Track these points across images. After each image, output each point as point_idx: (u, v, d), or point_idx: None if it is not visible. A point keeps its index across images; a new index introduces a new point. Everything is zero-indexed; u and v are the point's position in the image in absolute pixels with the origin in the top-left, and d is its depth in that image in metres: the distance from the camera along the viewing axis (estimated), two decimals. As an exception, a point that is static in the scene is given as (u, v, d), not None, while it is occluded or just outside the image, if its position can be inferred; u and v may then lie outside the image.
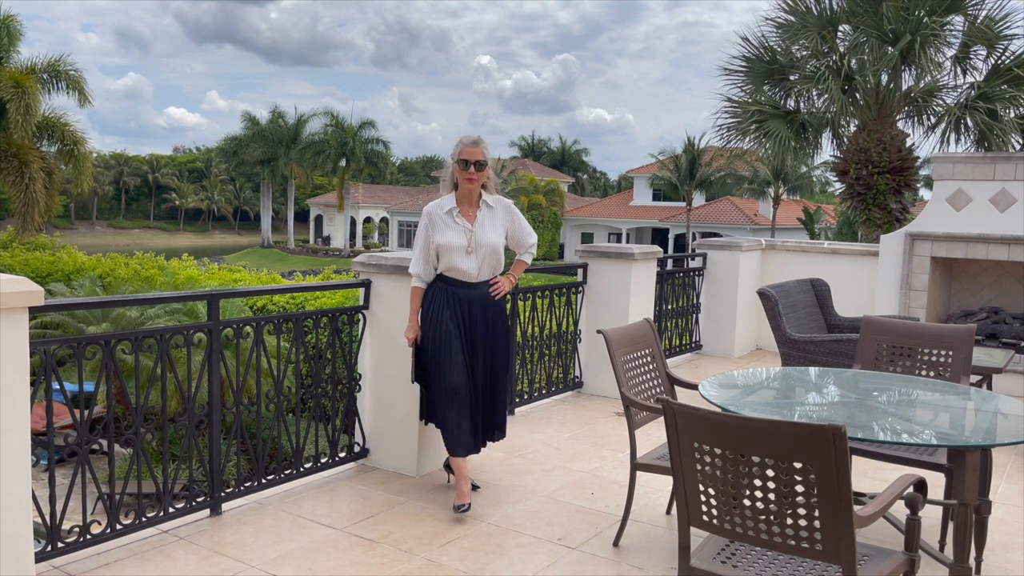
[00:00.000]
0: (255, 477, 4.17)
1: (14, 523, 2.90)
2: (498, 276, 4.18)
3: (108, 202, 71.64)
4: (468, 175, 4.02)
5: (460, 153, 4.04)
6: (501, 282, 4.17)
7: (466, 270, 4.05)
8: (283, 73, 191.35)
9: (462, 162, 4.02)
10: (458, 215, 4.06)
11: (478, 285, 4.11)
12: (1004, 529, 4.05)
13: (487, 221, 4.10)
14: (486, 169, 4.06)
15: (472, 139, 4.05)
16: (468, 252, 4.03)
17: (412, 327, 4.13)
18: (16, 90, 18.42)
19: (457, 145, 4.08)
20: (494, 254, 4.09)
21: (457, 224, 4.04)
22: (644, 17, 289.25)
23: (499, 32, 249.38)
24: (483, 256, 4.06)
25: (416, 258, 4.13)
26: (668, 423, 2.42)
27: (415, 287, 4.14)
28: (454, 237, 4.01)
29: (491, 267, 4.11)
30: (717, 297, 8.48)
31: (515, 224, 4.21)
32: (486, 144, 4.07)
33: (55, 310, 7.56)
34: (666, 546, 3.72)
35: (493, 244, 4.07)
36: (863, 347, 4.51)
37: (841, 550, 2.22)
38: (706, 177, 40.84)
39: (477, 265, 4.06)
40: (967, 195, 7.21)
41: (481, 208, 4.10)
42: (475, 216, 4.08)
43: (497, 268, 4.15)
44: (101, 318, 10.78)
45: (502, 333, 4.23)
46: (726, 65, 11.62)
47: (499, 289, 4.15)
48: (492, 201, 4.13)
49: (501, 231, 4.13)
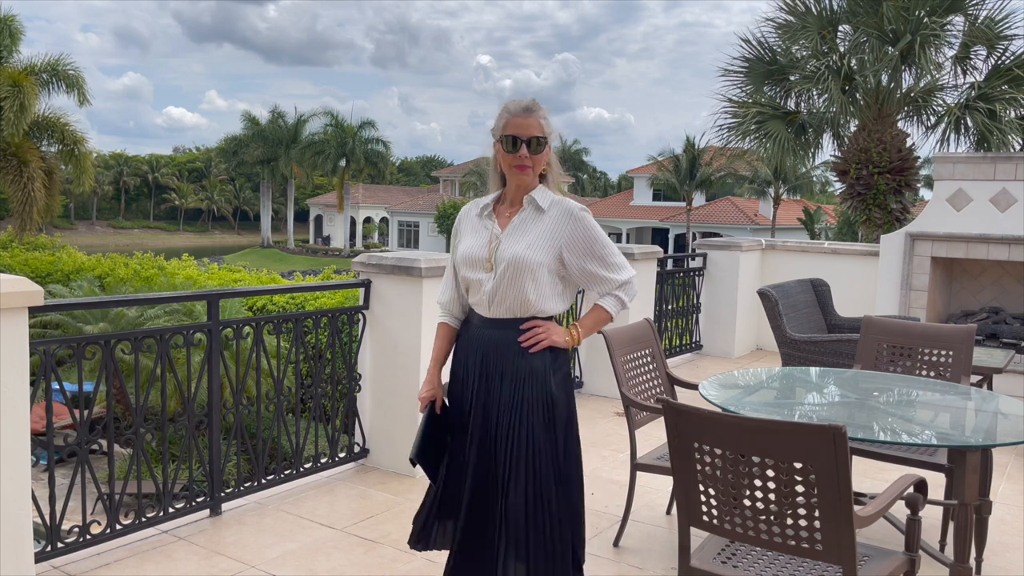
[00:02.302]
0: (255, 477, 4.17)
1: (14, 523, 2.90)
2: (539, 320, 2.59)
3: (108, 202, 71.61)
4: (518, 160, 2.54)
5: (506, 126, 2.56)
6: (539, 328, 2.57)
7: (479, 296, 2.63)
8: (282, 73, 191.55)
9: (508, 139, 2.55)
10: (490, 214, 2.67)
11: (496, 324, 2.61)
12: (1004, 529, 4.05)
13: (524, 226, 2.60)
14: (546, 149, 2.58)
15: (523, 105, 2.58)
16: (487, 269, 2.59)
17: (426, 383, 2.73)
18: (13, 89, 18.40)
19: (500, 115, 2.61)
20: (518, 276, 2.54)
21: (485, 227, 2.66)
22: (643, 17, 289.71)
23: (498, 32, 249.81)
24: (501, 277, 2.56)
25: (443, 280, 2.85)
26: (668, 423, 2.42)
27: (439, 323, 2.83)
28: (473, 244, 2.65)
29: (515, 297, 2.56)
30: (717, 297, 8.48)
31: (577, 242, 2.57)
32: (544, 112, 2.59)
33: (55, 310, 7.55)
34: (666, 546, 3.72)
35: (517, 259, 2.53)
36: (863, 347, 4.51)
37: (841, 550, 2.22)
38: (706, 177, 40.81)
39: (492, 289, 2.59)
40: (967, 195, 7.21)
41: (524, 207, 2.61)
42: (512, 217, 2.64)
43: (524, 303, 2.57)
44: (100, 318, 10.77)
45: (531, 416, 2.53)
46: (726, 65, 11.64)
47: (532, 337, 2.56)
48: (545, 201, 2.59)
49: (543, 245, 2.56)
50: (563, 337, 2.60)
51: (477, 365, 2.63)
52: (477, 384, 2.62)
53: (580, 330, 2.64)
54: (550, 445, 2.55)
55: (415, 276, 4.41)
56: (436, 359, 2.77)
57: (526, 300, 2.56)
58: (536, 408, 2.54)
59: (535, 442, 2.52)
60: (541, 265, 2.54)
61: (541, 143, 2.56)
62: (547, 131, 2.57)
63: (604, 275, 2.61)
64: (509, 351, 2.58)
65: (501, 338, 2.59)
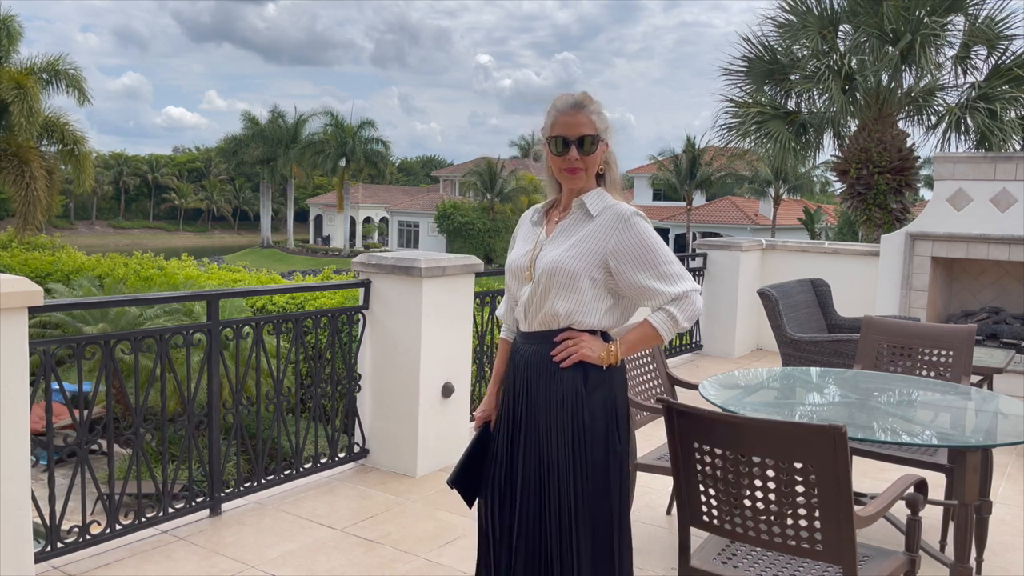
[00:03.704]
0: (255, 477, 4.16)
1: (14, 523, 2.89)
2: (577, 331, 2.31)
3: (108, 202, 71.62)
4: (568, 163, 2.29)
5: (553, 125, 2.31)
6: (573, 340, 2.30)
7: (519, 308, 2.41)
8: (282, 72, 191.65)
9: (556, 140, 2.30)
10: (540, 220, 2.45)
11: (532, 339, 2.37)
12: (1004, 529, 4.05)
13: (568, 231, 2.33)
14: (600, 148, 2.31)
15: (572, 100, 2.31)
16: (527, 279, 2.36)
17: (483, 403, 2.59)
18: (18, 91, 18.43)
19: (548, 113, 2.35)
20: (553, 285, 2.28)
21: (534, 234, 2.43)
22: (642, 17, 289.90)
23: (497, 32, 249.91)
24: (536, 286, 2.32)
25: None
26: (668, 423, 2.41)
27: (500, 338, 2.64)
28: (518, 253, 2.44)
29: (551, 309, 2.30)
30: (717, 297, 8.47)
31: (624, 249, 2.25)
32: (597, 105, 2.32)
33: (55, 310, 7.56)
34: (666, 546, 3.72)
35: (554, 266, 2.27)
36: (863, 347, 4.51)
37: (841, 550, 2.22)
38: (706, 177, 40.82)
39: (527, 300, 2.36)
40: (968, 195, 7.20)
41: (572, 212, 2.35)
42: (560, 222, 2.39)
43: (556, 315, 2.30)
44: (100, 318, 10.77)
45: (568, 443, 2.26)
46: (726, 66, 11.63)
47: (564, 351, 2.29)
48: (597, 205, 2.31)
49: (584, 252, 2.27)
50: (598, 352, 2.27)
51: (514, 387, 2.39)
52: (513, 409, 2.38)
53: (621, 347, 2.29)
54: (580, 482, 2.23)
55: (415, 276, 4.41)
56: (494, 377, 2.56)
57: (557, 313, 2.29)
58: (564, 440, 2.25)
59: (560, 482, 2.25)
60: (580, 273, 2.24)
61: (594, 142, 2.28)
62: (600, 127, 2.29)
63: (654, 287, 2.25)
64: (543, 370, 2.31)
65: (534, 355, 2.34)
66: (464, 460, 2.49)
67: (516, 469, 2.35)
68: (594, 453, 2.25)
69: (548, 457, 2.28)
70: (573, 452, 2.25)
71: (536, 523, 2.30)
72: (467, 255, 4.83)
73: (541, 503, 2.29)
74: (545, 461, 2.28)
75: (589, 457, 2.25)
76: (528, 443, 2.32)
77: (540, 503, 2.29)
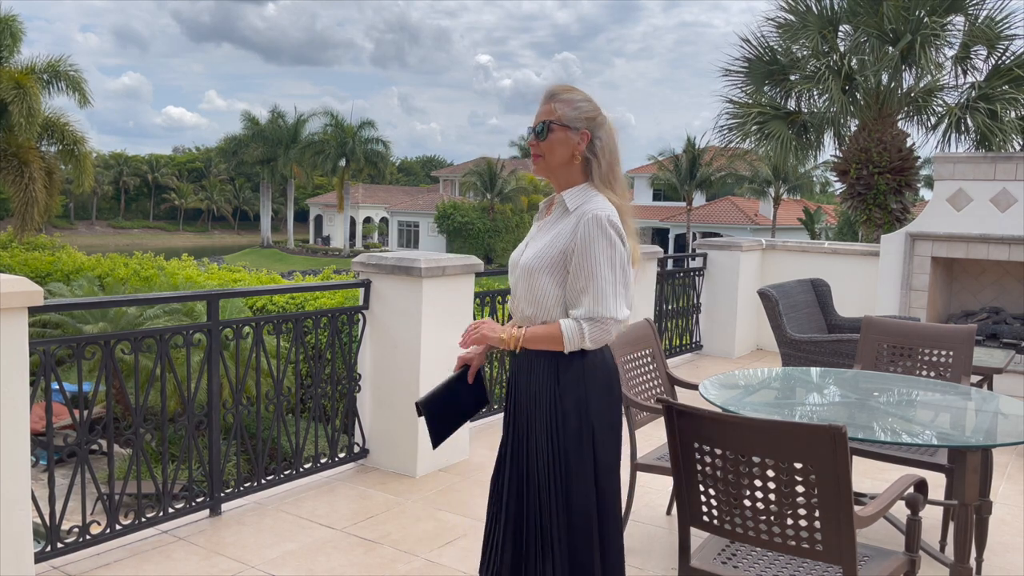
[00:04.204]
0: (255, 477, 4.16)
1: (13, 523, 2.90)
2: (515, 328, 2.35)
3: (108, 202, 71.63)
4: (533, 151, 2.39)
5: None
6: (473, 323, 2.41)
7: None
8: (282, 72, 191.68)
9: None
10: (540, 216, 2.50)
11: None
12: (1004, 529, 4.05)
13: (545, 230, 2.38)
14: (558, 135, 2.30)
15: (547, 90, 2.38)
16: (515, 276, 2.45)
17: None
18: (18, 91, 18.44)
19: None
20: (522, 285, 2.34)
21: (533, 229, 2.49)
22: (642, 17, 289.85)
23: (497, 32, 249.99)
24: (515, 286, 2.41)
25: None
26: (668, 423, 2.41)
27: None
28: (517, 249, 2.49)
29: (528, 307, 2.33)
30: (717, 297, 8.48)
31: (576, 251, 2.23)
32: (573, 95, 2.34)
33: (55, 310, 7.55)
34: (666, 546, 3.72)
35: (523, 267, 2.34)
36: (863, 347, 4.51)
37: (841, 550, 2.22)
38: (706, 177, 40.82)
39: (511, 300, 2.45)
40: (968, 195, 7.21)
41: (555, 208, 2.40)
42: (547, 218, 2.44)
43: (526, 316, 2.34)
44: (100, 318, 10.77)
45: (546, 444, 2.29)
46: (727, 66, 11.64)
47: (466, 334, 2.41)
48: (574, 203, 2.30)
49: (548, 253, 2.29)
50: (499, 334, 2.32)
51: (510, 387, 2.44)
52: (512, 410, 2.42)
53: (525, 335, 2.29)
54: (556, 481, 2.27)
55: (415, 276, 4.41)
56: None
57: (525, 314, 2.32)
58: (541, 438, 2.29)
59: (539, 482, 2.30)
60: (540, 272, 2.27)
61: (548, 128, 2.29)
62: (564, 114, 2.28)
63: (581, 297, 2.22)
64: (520, 370, 2.35)
65: (520, 354, 2.36)
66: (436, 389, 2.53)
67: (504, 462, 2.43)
68: (568, 440, 2.28)
69: (528, 446, 2.34)
70: (549, 442, 2.28)
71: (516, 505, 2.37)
72: (467, 255, 4.83)
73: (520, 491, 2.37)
74: (526, 450, 2.35)
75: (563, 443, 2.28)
76: (516, 439, 2.40)
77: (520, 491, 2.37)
